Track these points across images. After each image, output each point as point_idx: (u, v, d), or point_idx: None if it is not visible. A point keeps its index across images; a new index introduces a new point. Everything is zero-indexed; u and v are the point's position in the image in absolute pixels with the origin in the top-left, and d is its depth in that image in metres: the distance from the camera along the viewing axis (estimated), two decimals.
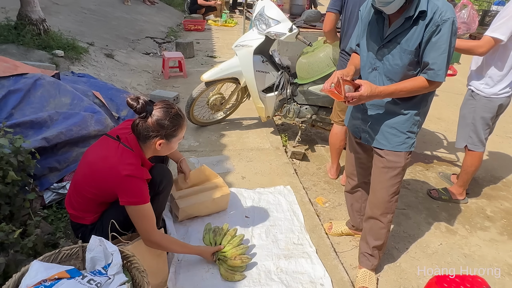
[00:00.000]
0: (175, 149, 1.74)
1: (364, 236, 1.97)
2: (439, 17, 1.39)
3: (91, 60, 4.45)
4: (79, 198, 1.62)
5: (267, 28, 3.05)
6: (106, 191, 1.56)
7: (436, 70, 1.45)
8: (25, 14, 3.95)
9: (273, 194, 2.59)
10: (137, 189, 1.52)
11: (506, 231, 2.52)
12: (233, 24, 9.57)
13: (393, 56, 1.54)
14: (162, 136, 1.55)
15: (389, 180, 1.74)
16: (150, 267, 1.64)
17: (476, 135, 2.50)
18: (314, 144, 3.51)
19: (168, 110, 1.55)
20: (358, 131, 1.84)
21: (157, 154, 1.68)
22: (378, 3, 1.45)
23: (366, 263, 1.97)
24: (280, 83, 3.15)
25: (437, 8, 1.40)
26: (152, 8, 9.25)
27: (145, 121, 1.52)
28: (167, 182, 1.81)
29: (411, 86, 1.51)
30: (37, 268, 1.20)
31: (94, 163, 1.56)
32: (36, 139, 2.07)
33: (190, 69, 5.43)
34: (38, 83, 2.41)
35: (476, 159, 2.56)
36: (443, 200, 2.75)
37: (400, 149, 1.69)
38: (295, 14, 5.50)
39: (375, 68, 1.64)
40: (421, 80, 1.51)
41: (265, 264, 1.96)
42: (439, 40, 1.41)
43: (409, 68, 1.54)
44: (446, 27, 1.39)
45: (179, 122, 1.59)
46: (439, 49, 1.42)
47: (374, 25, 1.60)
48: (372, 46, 1.62)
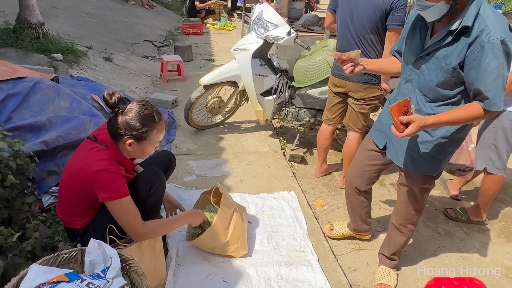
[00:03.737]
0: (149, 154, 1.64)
1: (386, 240, 2.00)
2: (486, 37, 1.22)
3: (90, 64, 4.46)
4: (65, 204, 1.61)
5: (265, 32, 3.07)
6: (84, 191, 1.52)
7: (492, 99, 1.27)
8: (24, 17, 3.96)
9: (277, 199, 2.59)
10: (111, 182, 1.47)
11: (504, 233, 2.52)
12: (232, 28, 9.60)
13: (429, 71, 1.42)
14: (131, 136, 1.50)
15: (409, 197, 1.73)
16: (148, 270, 1.64)
17: (498, 157, 2.28)
18: (312, 147, 3.52)
19: (141, 111, 1.50)
20: (381, 140, 1.77)
21: (133, 156, 1.62)
22: (417, 6, 1.31)
23: (385, 261, 2.00)
24: (279, 87, 3.16)
25: (485, 27, 1.23)
26: (151, 12, 9.27)
27: (116, 118, 1.49)
28: (159, 184, 1.74)
29: (466, 116, 1.33)
30: (36, 271, 1.20)
31: (71, 166, 1.56)
32: (35, 142, 2.07)
33: (189, 72, 5.44)
34: (37, 87, 2.41)
35: (495, 183, 2.36)
36: (460, 221, 2.56)
37: (418, 171, 1.61)
38: (293, 18, 5.53)
39: (409, 80, 1.53)
40: (477, 108, 1.32)
41: (265, 270, 1.95)
42: (489, 64, 1.23)
43: (444, 86, 1.41)
44: (496, 49, 1.22)
45: (151, 125, 1.51)
46: (491, 74, 1.24)
47: (416, 34, 1.48)
48: (410, 56, 1.51)
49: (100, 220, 1.61)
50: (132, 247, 1.57)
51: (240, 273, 1.92)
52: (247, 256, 2.03)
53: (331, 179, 3.00)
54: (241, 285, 1.85)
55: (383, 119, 1.76)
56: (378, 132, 1.80)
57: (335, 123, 2.74)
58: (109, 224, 1.54)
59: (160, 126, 1.56)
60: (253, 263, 1.99)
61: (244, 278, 1.89)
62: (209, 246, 1.95)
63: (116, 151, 1.57)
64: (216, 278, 1.87)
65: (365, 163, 1.92)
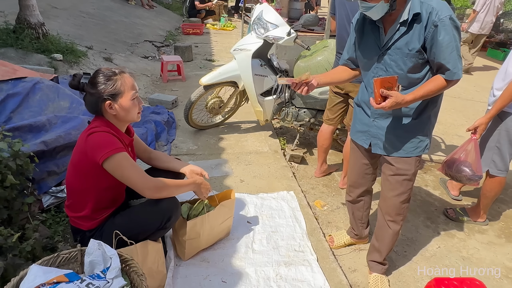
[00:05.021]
0: (135, 111, 1.63)
1: (374, 243, 1.96)
2: (436, 17, 1.39)
3: (89, 64, 4.46)
4: (73, 197, 1.62)
5: (265, 32, 3.07)
6: (84, 168, 1.53)
7: (452, 70, 1.44)
8: (24, 18, 3.96)
9: (276, 199, 2.59)
10: (104, 140, 1.49)
11: (504, 233, 2.52)
12: (232, 28, 9.61)
13: (396, 62, 1.53)
14: (105, 99, 1.52)
15: (400, 188, 1.74)
16: (150, 270, 1.65)
17: (501, 159, 2.28)
18: (312, 147, 3.52)
19: (98, 72, 1.54)
20: (365, 140, 1.80)
21: (122, 119, 1.61)
22: (361, 8, 1.47)
23: (376, 268, 1.97)
24: (279, 87, 3.16)
25: (432, 9, 1.40)
26: (151, 12, 9.28)
27: (86, 93, 1.55)
28: (175, 219, 1.75)
29: (435, 88, 1.49)
30: (36, 272, 1.20)
31: (72, 155, 1.61)
32: (34, 142, 2.07)
33: (189, 72, 5.44)
34: (37, 87, 2.41)
35: (496, 185, 2.36)
36: (460, 221, 2.57)
37: (413, 154, 1.67)
38: (293, 18, 5.54)
39: (379, 75, 1.61)
40: (441, 80, 1.49)
41: (264, 270, 1.95)
42: (444, 39, 1.40)
43: (414, 70, 1.53)
44: (447, 25, 1.39)
45: (113, 77, 1.53)
46: (447, 48, 1.41)
47: (369, 35, 1.60)
48: (371, 56, 1.61)
49: (109, 228, 1.60)
50: (137, 245, 1.57)
51: (239, 273, 1.92)
52: (246, 256, 2.02)
53: (331, 180, 3.00)
54: (240, 285, 1.85)
55: (362, 119, 1.80)
56: (360, 133, 1.83)
57: (335, 123, 2.74)
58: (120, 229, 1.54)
59: (122, 76, 1.57)
60: (252, 263, 1.99)
61: (243, 278, 1.89)
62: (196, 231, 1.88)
63: (108, 124, 1.58)
64: (215, 279, 1.87)
65: (360, 162, 1.94)
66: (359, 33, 1.66)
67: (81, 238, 1.65)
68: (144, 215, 1.65)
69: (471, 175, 2.15)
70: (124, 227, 1.56)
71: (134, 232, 1.59)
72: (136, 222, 1.64)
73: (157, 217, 1.65)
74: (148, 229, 1.65)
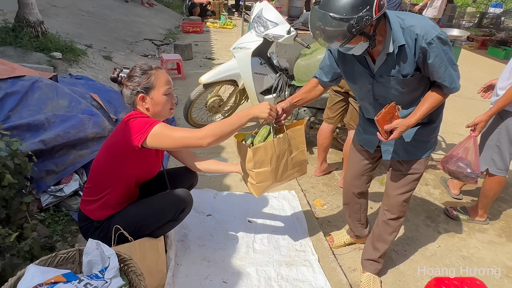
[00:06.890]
0: (167, 106, 1.64)
1: (371, 241, 1.95)
2: (423, 42, 1.35)
3: (89, 62, 4.44)
4: (94, 177, 1.63)
5: (265, 30, 3.06)
6: (118, 148, 1.55)
7: (449, 86, 1.44)
8: (23, 16, 3.94)
9: (277, 199, 2.58)
10: (143, 121, 1.51)
11: (505, 233, 2.52)
12: (232, 26, 9.59)
13: (394, 88, 1.52)
14: (139, 92, 1.56)
15: (407, 186, 1.75)
16: (149, 268, 1.64)
17: (501, 158, 2.28)
18: (312, 146, 3.51)
19: (135, 66, 1.60)
20: (372, 145, 1.81)
21: (154, 112, 1.61)
22: (341, 49, 1.42)
23: (370, 267, 1.96)
24: (279, 85, 3.15)
25: (417, 36, 1.35)
26: (151, 10, 9.26)
27: (123, 86, 1.60)
28: (188, 210, 1.77)
29: (435, 103, 1.49)
30: (33, 272, 1.19)
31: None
32: (33, 141, 2.06)
33: (189, 71, 5.43)
34: (35, 86, 2.40)
35: (496, 184, 2.37)
36: (460, 220, 2.58)
37: (424, 155, 1.70)
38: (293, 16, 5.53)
39: (376, 99, 1.62)
40: (438, 96, 1.48)
41: (265, 270, 1.94)
42: (435, 61, 1.38)
43: (412, 91, 1.52)
44: (435, 47, 1.35)
45: (149, 72, 1.58)
46: (440, 68, 1.40)
47: (358, 65, 1.57)
48: (365, 83, 1.60)
49: (121, 214, 1.62)
50: (136, 242, 1.57)
51: (240, 273, 1.91)
52: (247, 255, 2.01)
53: (331, 178, 2.99)
54: (241, 285, 1.84)
55: (368, 131, 1.79)
56: (369, 143, 1.83)
57: (335, 122, 2.73)
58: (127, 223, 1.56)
59: (158, 71, 1.61)
60: (253, 262, 1.99)
61: (244, 277, 1.88)
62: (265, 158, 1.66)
63: (142, 115, 1.61)
64: (216, 278, 1.86)
65: (361, 163, 1.93)
66: (341, 61, 1.64)
67: (87, 228, 1.64)
68: (159, 205, 1.68)
69: (468, 172, 2.14)
70: (138, 217, 1.61)
71: (147, 222, 1.63)
72: (151, 211, 1.66)
73: (171, 208, 1.69)
74: (162, 219, 1.68)
